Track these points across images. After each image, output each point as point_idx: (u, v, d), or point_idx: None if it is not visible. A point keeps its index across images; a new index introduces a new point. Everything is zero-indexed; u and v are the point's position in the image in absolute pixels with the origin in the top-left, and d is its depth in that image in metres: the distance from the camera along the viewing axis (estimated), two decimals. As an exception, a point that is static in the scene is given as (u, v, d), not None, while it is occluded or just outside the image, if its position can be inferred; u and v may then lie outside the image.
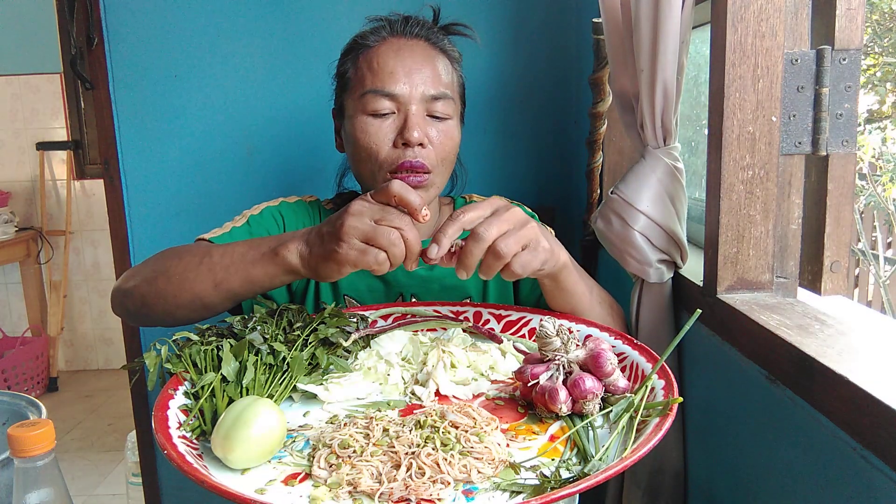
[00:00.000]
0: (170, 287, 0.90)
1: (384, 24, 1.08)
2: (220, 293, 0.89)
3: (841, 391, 0.59)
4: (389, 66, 1.02)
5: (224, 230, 1.06)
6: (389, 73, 1.02)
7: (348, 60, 1.09)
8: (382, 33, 1.07)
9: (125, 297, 0.96)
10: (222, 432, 0.66)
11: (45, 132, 3.86)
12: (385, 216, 0.78)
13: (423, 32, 1.07)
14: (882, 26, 3.10)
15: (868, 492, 0.58)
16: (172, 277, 0.90)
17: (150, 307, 0.93)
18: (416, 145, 1.01)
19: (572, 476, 0.61)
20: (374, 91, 1.02)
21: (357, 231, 0.78)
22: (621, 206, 0.96)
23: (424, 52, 1.05)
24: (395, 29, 1.07)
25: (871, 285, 3.00)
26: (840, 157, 0.85)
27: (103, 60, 1.59)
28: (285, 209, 1.14)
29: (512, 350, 0.92)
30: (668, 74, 0.89)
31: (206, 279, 0.88)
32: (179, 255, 0.93)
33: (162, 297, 0.91)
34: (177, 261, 0.92)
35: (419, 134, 1.01)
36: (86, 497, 2.70)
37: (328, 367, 0.86)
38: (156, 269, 0.93)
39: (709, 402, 0.92)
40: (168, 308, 0.92)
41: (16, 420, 0.89)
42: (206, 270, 0.89)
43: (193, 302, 0.90)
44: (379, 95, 1.01)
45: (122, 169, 1.64)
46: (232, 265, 0.88)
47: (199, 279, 0.89)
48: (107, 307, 3.98)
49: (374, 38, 1.06)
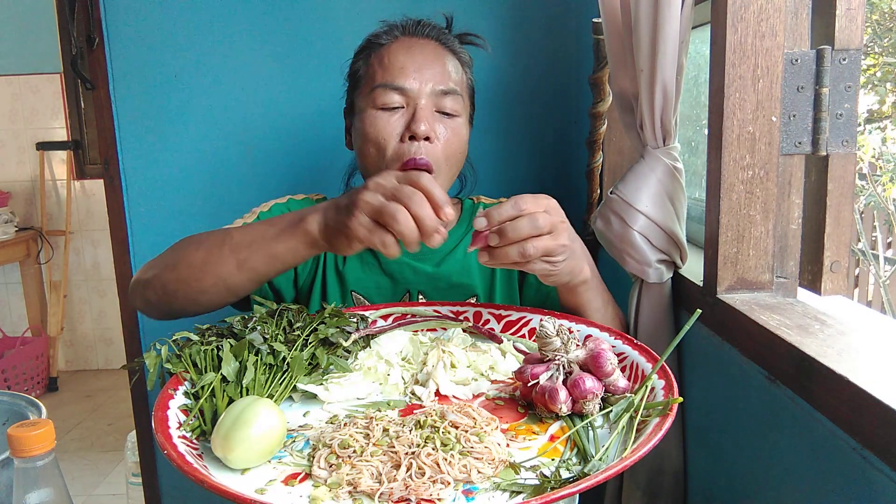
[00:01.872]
0: (192, 272, 0.90)
1: (397, 25, 1.11)
2: (243, 273, 0.89)
3: (841, 391, 0.59)
4: (400, 61, 1.04)
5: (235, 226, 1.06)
6: (400, 69, 1.04)
7: (360, 59, 1.11)
8: (395, 33, 1.09)
9: (146, 287, 0.96)
10: (222, 432, 0.66)
11: (45, 132, 3.86)
12: (399, 192, 0.77)
13: (434, 34, 1.10)
14: (882, 26, 3.10)
15: (868, 492, 0.58)
16: (194, 262, 0.90)
17: (173, 295, 0.93)
18: (423, 139, 1.02)
19: (572, 476, 0.61)
20: (384, 85, 1.03)
21: (367, 206, 0.77)
22: (620, 206, 0.96)
23: (435, 51, 1.08)
24: (408, 30, 1.10)
25: (871, 285, 3.00)
26: (840, 157, 0.85)
27: (103, 60, 1.59)
28: (294, 206, 1.15)
29: (512, 350, 0.92)
30: (668, 74, 0.89)
31: (229, 260, 0.89)
32: (199, 241, 0.93)
33: (184, 283, 0.91)
34: (197, 246, 0.92)
35: (426, 127, 1.02)
36: (86, 497, 2.70)
37: (328, 367, 0.86)
38: (176, 257, 0.93)
39: (709, 402, 0.92)
40: (191, 294, 0.92)
41: (16, 420, 0.89)
42: (229, 251, 0.89)
43: (217, 285, 0.90)
44: (389, 89, 1.03)
45: (122, 169, 1.64)
46: (254, 243, 0.88)
47: (221, 261, 0.89)
48: (107, 307, 3.99)
49: (387, 38, 1.09)
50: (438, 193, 0.77)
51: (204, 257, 0.90)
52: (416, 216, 0.76)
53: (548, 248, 0.80)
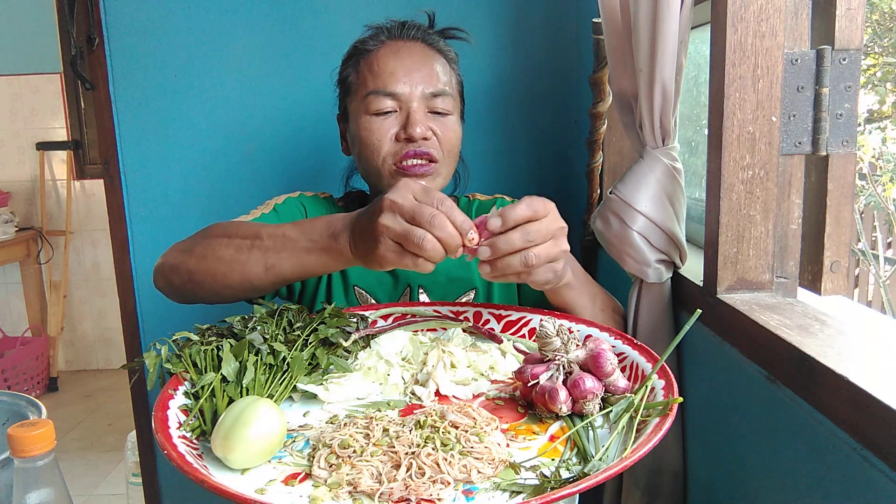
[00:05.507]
0: (220, 266, 0.91)
1: (382, 30, 1.12)
2: (270, 276, 0.90)
3: (841, 391, 0.59)
4: (390, 67, 1.06)
5: (252, 217, 1.07)
6: (390, 74, 1.05)
7: (349, 66, 1.13)
8: (381, 38, 1.11)
9: (171, 271, 0.97)
10: (222, 432, 0.66)
11: (45, 132, 3.86)
12: (420, 215, 0.76)
13: (419, 35, 1.11)
14: (882, 26, 3.10)
15: (868, 492, 0.58)
16: (223, 258, 0.91)
17: (198, 284, 0.94)
18: (420, 139, 1.04)
19: (572, 476, 0.61)
20: (376, 92, 1.05)
21: (390, 231, 0.77)
22: (620, 206, 0.96)
23: (422, 53, 1.09)
24: (393, 33, 1.11)
25: (871, 285, 3.00)
26: (840, 157, 0.85)
27: (103, 60, 1.59)
28: (306, 200, 1.17)
29: (512, 350, 0.92)
30: (667, 74, 0.89)
31: (258, 263, 0.89)
32: (229, 233, 0.94)
33: (211, 276, 0.92)
34: (227, 241, 0.92)
35: (422, 129, 1.04)
36: (86, 497, 2.70)
37: (328, 367, 0.86)
38: (206, 249, 0.93)
39: (709, 402, 0.92)
40: (216, 287, 0.93)
41: (16, 420, 0.89)
42: (259, 255, 0.89)
43: (243, 283, 0.91)
44: (381, 95, 1.05)
45: (122, 169, 1.64)
46: (284, 251, 0.88)
47: (251, 261, 0.89)
48: (107, 307, 3.99)
49: (373, 43, 1.10)
50: (459, 218, 0.77)
51: (233, 255, 0.91)
52: (441, 239, 0.76)
53: (550, 255, 0.80)
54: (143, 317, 1.71)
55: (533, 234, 0.78)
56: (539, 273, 0.81)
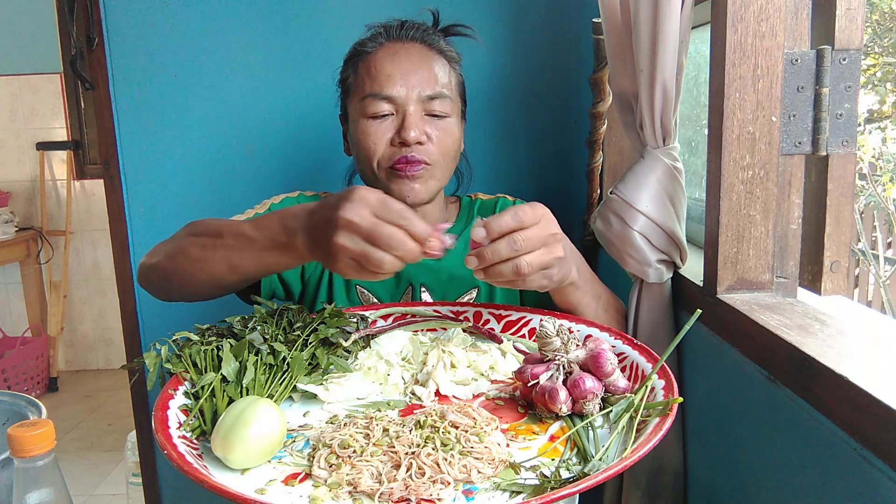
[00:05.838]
0: (188, 266, 0.92)
1: (381, 30, 1.11)
2: (235, 276, 0.90)
3: (841, 391, 0.59)
4: (387, 70, 1.06)
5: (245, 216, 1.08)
6: (387, 77, 1.05)
7: (349, 67, 1.13)
8: (380, 39, 1.10)
9: (150, 270, 0.99)
10: (222, 432, 0.66)
11: (45, 132, 3.86)
12: (377, 235, 0.73)
13: (418, 35, 1.10)
14: (882, 26, 3.10)
15: (868, 492, 0.58)
16: (190, 256, 0.92)
17: (172, 283, 0.96)
18: (415, 144, 1.04)
19: (572, 476, 0.61)
20: (372, 95, 1.05)
21: (348, 251, 0.75)
22: (620, 206, 0.96)
23: (420, 54, 1.08)
24: (392, 34, 1.10)
25: (871, 285, 3.00)
26: (840, 157, 0.85)
27: (103, 60, 1.59)
28: (305, 200, 1.17)
29: (512, 350, 0.92)
30: (668, 74, 0.89)
31: (222, 262, 0.89)
32: (198, 232, 0.95)
33: (182, 275, 0.94)
34: (195, 239, 0.93)
35: (416, 133, 1.03)
36: (86, 497, 2.70)
37: (328, 367, 0.86)
38: (176, 248, 0.95)
39: (709, 402, 0.92)
40: (187, 287, 0.95)
41: (16, 420, 0.89)
42: (222, 254, 0.89)
43: (210, 283, 0.92)
44: (377, 99, 1.05)
45: (122, 169, 1.64)
46: (245, 250, 0.88)
47: (215, 261, 0.90)
48: (107, 307, 3.99)
49: (372, 45, 1.10)
50: (419, 228, 0.75)
51: (198, 254, 0.91)
52: (400, 257, 0.75)
53: (542, 262, 0.80)
54: (143, 317, 1.71)
55: (520, 244, 0.77)
56: (532, 280, 0.81)
